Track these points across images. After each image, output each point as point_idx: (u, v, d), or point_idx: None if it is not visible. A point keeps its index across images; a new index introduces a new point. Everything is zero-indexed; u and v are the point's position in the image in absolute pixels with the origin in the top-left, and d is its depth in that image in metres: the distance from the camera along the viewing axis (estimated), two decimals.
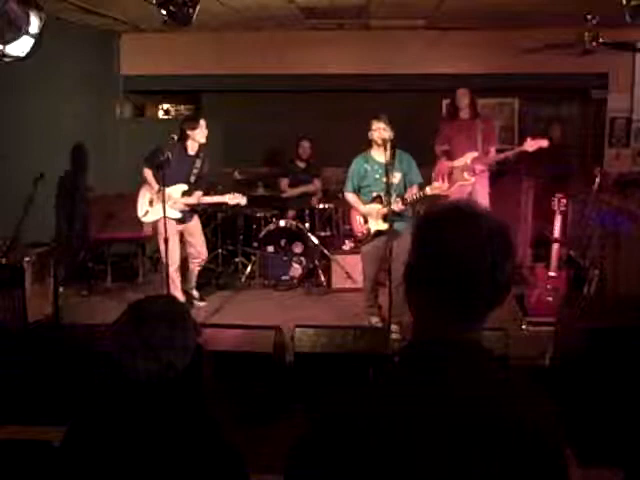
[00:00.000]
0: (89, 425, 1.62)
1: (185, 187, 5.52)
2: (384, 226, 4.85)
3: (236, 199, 5.48)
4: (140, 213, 5.59)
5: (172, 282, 5.47)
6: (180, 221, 5.59)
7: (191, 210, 5.66)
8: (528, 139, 5.49)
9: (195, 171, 5.56)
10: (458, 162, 5.86)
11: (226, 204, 5.69)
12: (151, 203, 5.52)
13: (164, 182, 5.09)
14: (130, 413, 1.58)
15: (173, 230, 5.47)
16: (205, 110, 8.38)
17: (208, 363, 1.69)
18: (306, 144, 7.41)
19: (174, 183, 5.44)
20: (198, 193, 5.54)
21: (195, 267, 5.91)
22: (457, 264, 1.13)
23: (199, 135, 5.48)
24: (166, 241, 5.15)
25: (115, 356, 1.58)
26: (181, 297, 5.55)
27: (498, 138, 7.62)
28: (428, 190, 4.82)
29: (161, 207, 5.10)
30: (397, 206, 4.82)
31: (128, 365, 1.57)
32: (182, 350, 1.59)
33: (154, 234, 5.61)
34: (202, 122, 5.50)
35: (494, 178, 6.17)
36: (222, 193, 5.68)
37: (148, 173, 5.50)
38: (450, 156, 6.03)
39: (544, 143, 5.39)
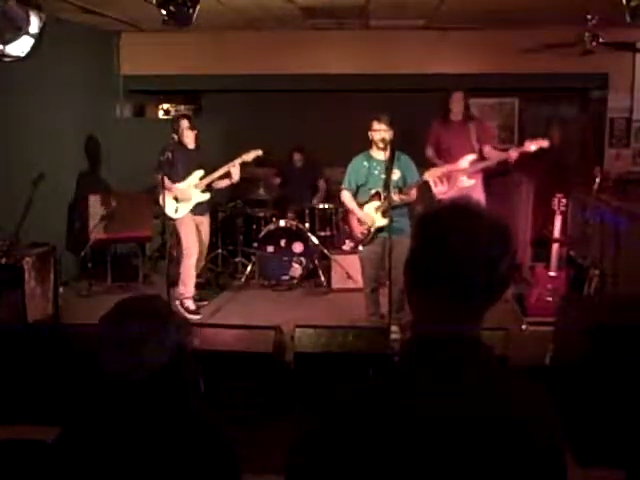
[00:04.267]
0: (77, 424, 1.64)
1: (202, 172, 5.68)
2: (384, 221, 4.83)
3: (252, 154, 5.63)
4: (171, 213, 5.64)
5: (189, 275, 5.66)
6: (200, 212, 5.76)
7: (206, 205, 5.81)
8: (527, 140, 5.40)
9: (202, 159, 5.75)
10: (456, 165, 5.71)
11: (245, 162, 5.71)
12: (177, 200, 5.64)
13: (164, 180, 5.29)
14: (111, 411, 1.60)
15: (191, 223, 5.71)
16: (205, 110, 8.39)
17: (190, 362, 1.70)
18: (297, 156, 7.46)
19: (188, 175, 5.68)
20: (229, 165, 5.65)
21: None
22: (456, 261, 1.14)
23: (184, 135, 5.63)
24: (198, 227, 5.72)
25: (96, 353, 1.60)
26: (192, 291, 5.72)
27: (498, 138, 7.62)
28: (426, 175, 4.81)
29: (189, 199, 5.62)
30: (396, 197, 4.81)
31: (106, 362, 1.59)
32: (158, 348, 1.59)
33: (174, 229, 5.77)
34: (183, 122, 5.68)
35: (493, 178, 6.14)
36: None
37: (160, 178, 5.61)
38: (445, 158, 5.90)
39: (544, 143, 5.29)
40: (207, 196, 5.76)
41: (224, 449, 1.61)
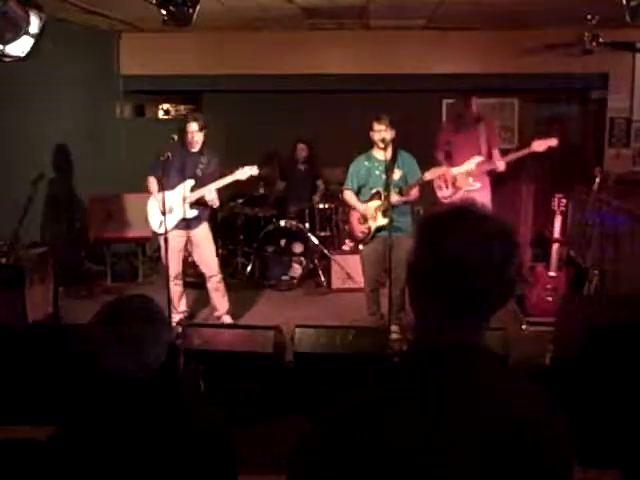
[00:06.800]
0: (74, 423, 1.65)
1: (192, 182, 5.16)
2: (384, 221, 4.84)
3: (247, 172, 5.13)
4: (155, 226, 5.21)
5: (172, 295, 5.03)
6: (186, 227, 5.23)
7: (198, 216, 5.24)
8: (535, 140, 5.23)
9: (201, 166, 5.19)
10: (462, 168, 5.55)
11: (238, 181, 5.20)
12: (163, 212, 4.86)
13: (164, 182, 4.88)
14: (109, 410, 1.60)
15: (174, 241, 5.11)
16: (205, 110, 8.38)
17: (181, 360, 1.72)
18: (303, 147, 7.41)
19: (179, 183, 5.17)
20: (209, 186, 5.14)
21: (213, 288, 5.43)
22: (461, 266, 1.12)
23: (191, 133, 5.15)
24: (166, 240, 4.89)
25: (92, 354, 1.60)
26: (178, 309, 5.30)
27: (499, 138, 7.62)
28: (427, 175, 4.81)
29: (177, 212, 5.10)
30: (396, 197, 4.82)
31: (104, 362, 1.60)
32: (157, 347, 1.61)
33: (154, 237, 5.45)
34: (191, 125, 5.16)
35: (494, 178, 6.14)
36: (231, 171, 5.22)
37: (152, 182, 5.18)
38: (452, 161, 5.84)
39: (553, 142, 5.17)
40: (195, 212, 5.20)
41: (219, 447, 1.62)
